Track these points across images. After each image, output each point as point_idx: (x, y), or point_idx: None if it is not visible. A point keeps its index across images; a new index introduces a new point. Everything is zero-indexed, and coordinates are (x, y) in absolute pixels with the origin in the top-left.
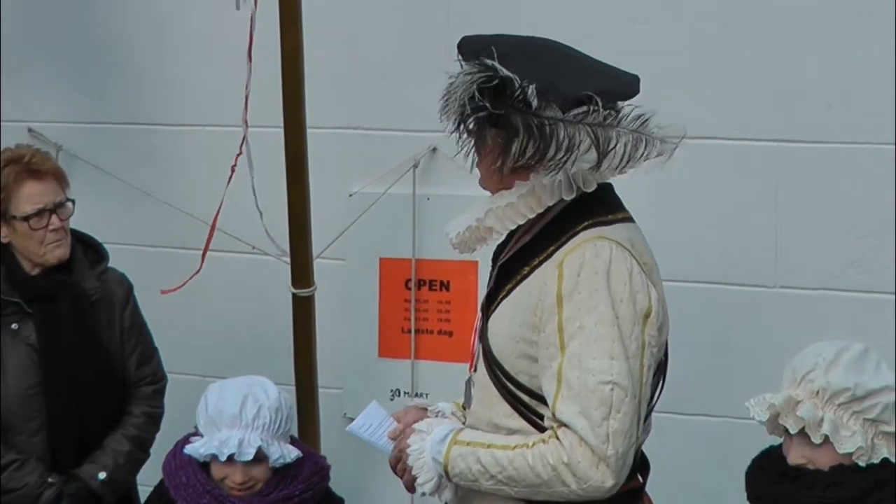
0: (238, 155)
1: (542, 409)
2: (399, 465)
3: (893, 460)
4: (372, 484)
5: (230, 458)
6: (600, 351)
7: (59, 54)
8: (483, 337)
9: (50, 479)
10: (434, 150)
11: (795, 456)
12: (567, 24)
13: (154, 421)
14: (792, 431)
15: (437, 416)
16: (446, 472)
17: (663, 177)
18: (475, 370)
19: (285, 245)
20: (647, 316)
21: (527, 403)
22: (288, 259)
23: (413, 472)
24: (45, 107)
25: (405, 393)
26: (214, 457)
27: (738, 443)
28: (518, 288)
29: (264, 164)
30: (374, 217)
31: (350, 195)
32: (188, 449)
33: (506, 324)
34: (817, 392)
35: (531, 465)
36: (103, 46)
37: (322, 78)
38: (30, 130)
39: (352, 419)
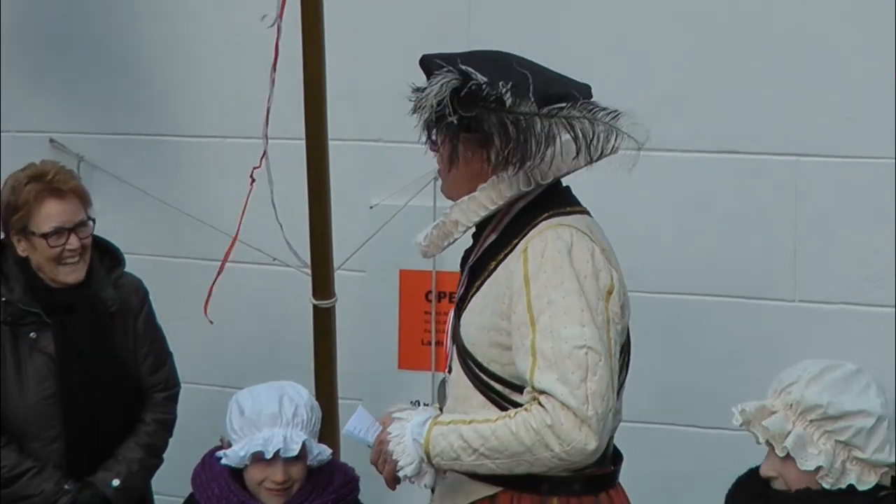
0: (256, 168)
1: (514, 397)
2: (380, 458)
3: (860, 488)
4: (392, 495)
5: (275, 456)
6: (570, 320)
7: (81, 65)
8: (456, 335)
9: (66, 486)
10: None
11: (767, 468)
12: (583, 40)
13: (166, 427)
14: (759, 441)
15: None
16: (427, 455)
17: (681, 191)
18: (449, 371)
19: (306, 256)
20: (609, 292)
21: (500, 392)
22: (309, 270)
23: (394, 457)
24: (66, 117)
25: (425, 404)
26: (257, 456)
27: (757, 455)
28: (487, 282)
29: (286, 176)
30: (395, 229)
31: (371, 207)
32: (226, 457)
33: (476, 316)
34: (791, 405)
35: (514, 433)
36: (124, 57)
37: (343, 90)
38: (51, 141)
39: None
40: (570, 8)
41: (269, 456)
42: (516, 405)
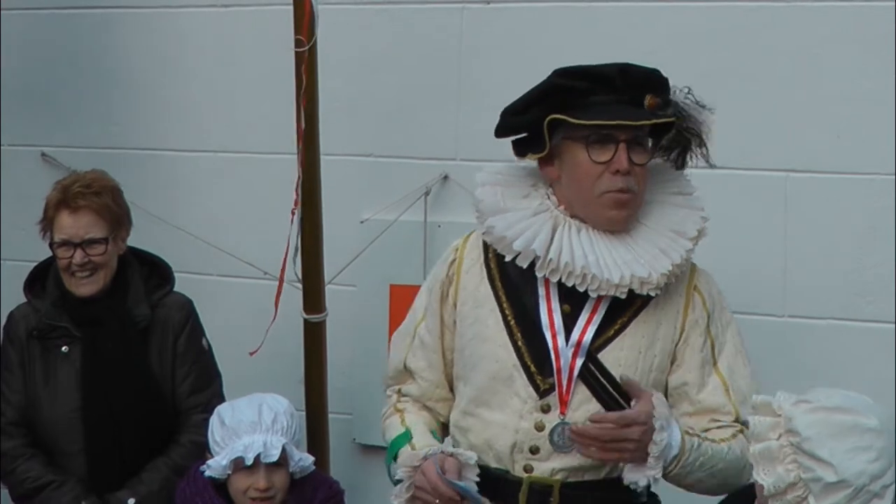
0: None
1: None
2: (619, 437)
3: None
4: None
5: (255, 463)
6: (744, 359)
7: (73, 79)
8: (590, 375)
9: (84, 503)
10: (445, 177)
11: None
12: (575, 57)
13: (200, 449)
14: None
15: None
16: (677, 457)
17: None
18: (566, 412)
19: (297, 271)
20: None
21: None
22: (300, 285)
23: (657, 438)
24: (58, 132)
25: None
26: (238, 463)
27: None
28: (637, 320)
29: (278, 190)
30: (386, 244)
31: (361, 222)
32: (209, 468)
33: (632, 354)
34: (784, 417)
35: (739, 456)
36: (117, 71)
37: (335, 105)
38: (43, 155)
39: (361, 444)
40: (561, 24)
41: (249, 462)
42: None
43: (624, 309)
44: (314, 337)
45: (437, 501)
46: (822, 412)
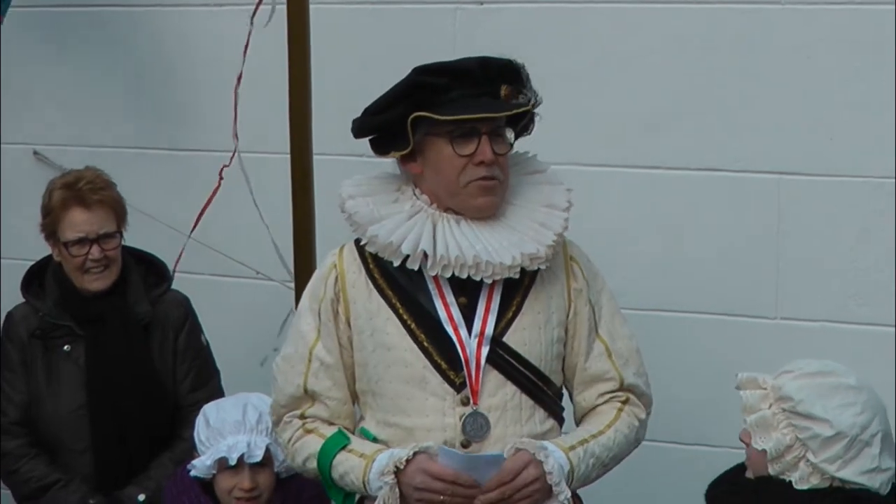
0: (225, 166)
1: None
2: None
3: (799, 486)
4: None
5: (240, 463)
6: (621, 318)
7: (66, 77)
8: (499, 357)
9: (91, 501)
10: None
11: (743, 434)
12: (570, 59)
13: None
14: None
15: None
16: (572, 472)
17: (665, 207)
18: (478, 400)
19: (291, 269)
20: None
21: (553, 399)
22: (292, 284)
23: (561, 497)
24: (50, 130)
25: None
26: (223, 463)
27: None
28: (530, 297)
29: (271, 190)
30: None
31: None
32: (195, 466)
33: (534, 333)
34: (773, 387)
35: (626, 436)
36: (110, 70)
37: (328, 106)
38: (35, 153)
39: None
40: (556, 26)
41: (233, 462)
42: (558, 406)
43: (515, 290)
44: None
45: (443, 498)
46: (806, 377)
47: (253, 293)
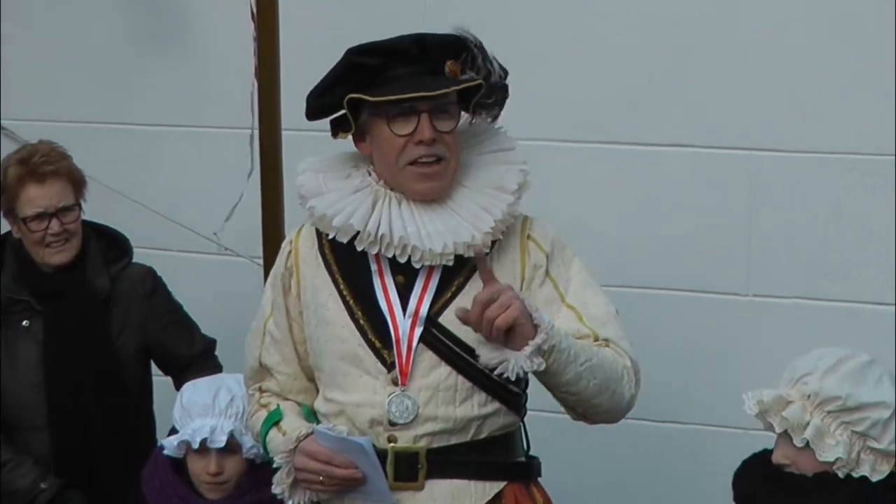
0: None
1: (510, 385)
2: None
3: (874, 478)
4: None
5: (203, 447)
6: (596, 289)
7: (33, 52)
8: (433, 337)
9: (42, 485)
10: None
11: (779, 455)
12: (540, 36)
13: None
14: (777, 431)
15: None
16: (554, 343)
17: (636, 184)
18: (408, 383)
19: (258, 247)
20: None
21: (499, 382)
22: (261, 261)
23: (533, 312)
24: (16, 105)
25: None
26: (188, 447)
27: (708, 450)
28: (473, 279)
29: (239, 167)
30: None
31: None
32: (164, 444)
33: None
34: (809, 395)
35: (613, 359)
36: (77, 45)
37: (297, 80)
38: (1, 128)
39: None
40: (526, 4)
41: (195, 446)
42: (510, 392)
43: (459, 270)
44: None
45: (322, 478)
46: (834, 372)
47: (221, 269)
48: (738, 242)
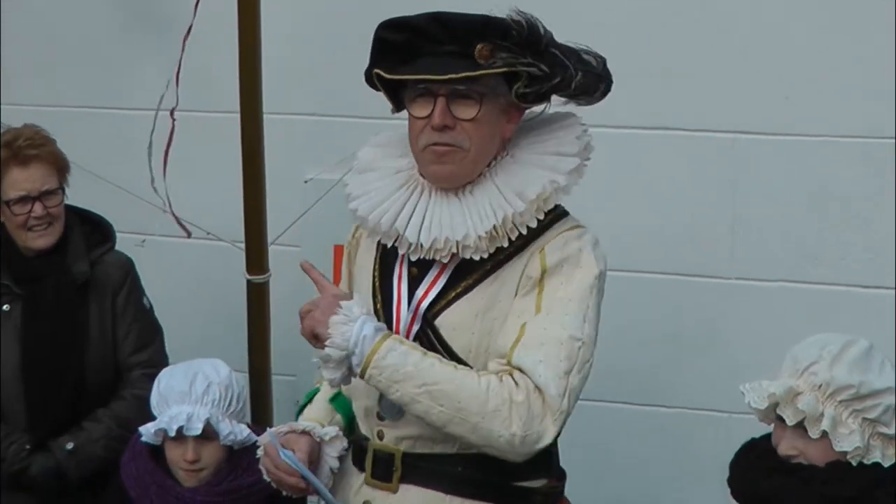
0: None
1: None
2: (312, 322)
3: (885, 463)
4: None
5: (180, 434)
6: (576, 310)
7: (10, 34)
8: (432, 340)
9: (27, 447)
10: None
11: (787, 447)
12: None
13: (142, 402)
14: (789, 423)
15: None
16: (367, 361)
17: (620, 167)
18: None
19: (240, 231)
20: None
21: None
22: (243, 245)
23: (329, 330)
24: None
25: None
26: (165, 434)
27: (692, 434)
28: (484, 284)
29: (220, 149)
30: (329, 204)
31: (305, 182)
32: (142, 431)
33: (468, 319)
34: (819, 386)
35: (481, 390)
36: (56, 29)
37: (278, 64)
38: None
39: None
40: None
41: (171, 433)
42: None
43: (472, 271)
44: (257, 298)
45: (291, 480)
46: (841, 360)
47: (204, 254)
48: (722, 225)
